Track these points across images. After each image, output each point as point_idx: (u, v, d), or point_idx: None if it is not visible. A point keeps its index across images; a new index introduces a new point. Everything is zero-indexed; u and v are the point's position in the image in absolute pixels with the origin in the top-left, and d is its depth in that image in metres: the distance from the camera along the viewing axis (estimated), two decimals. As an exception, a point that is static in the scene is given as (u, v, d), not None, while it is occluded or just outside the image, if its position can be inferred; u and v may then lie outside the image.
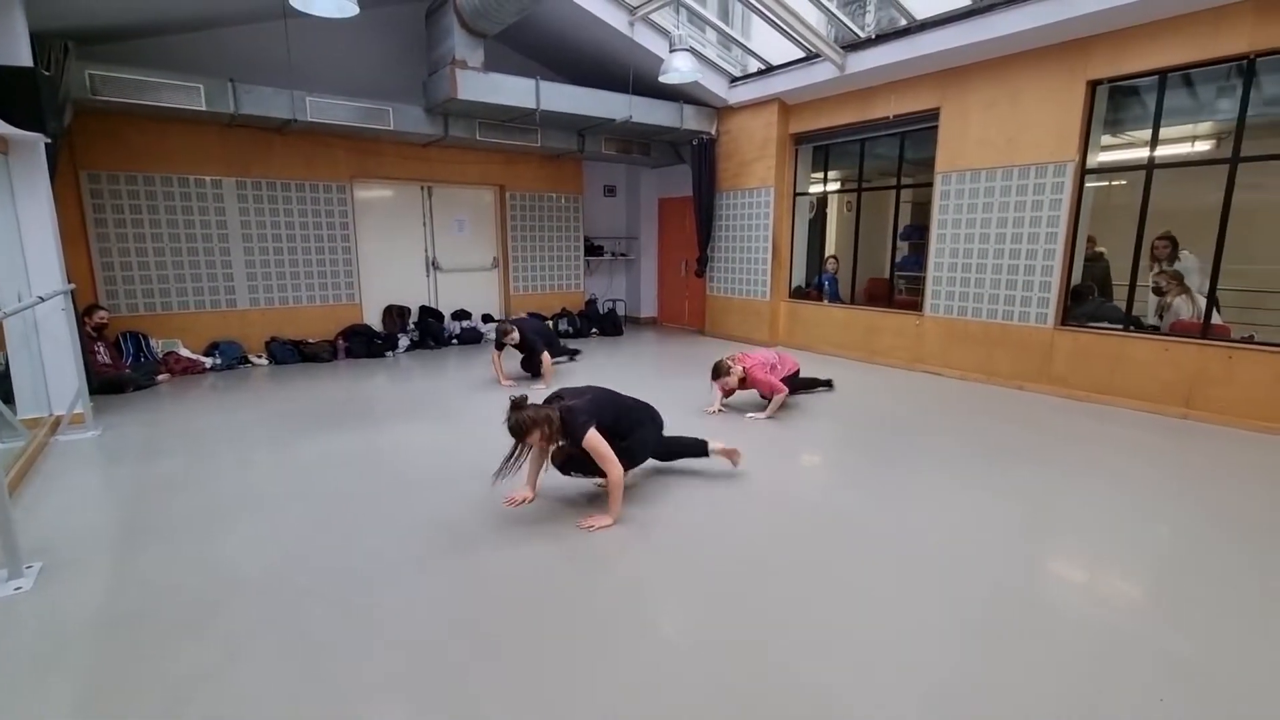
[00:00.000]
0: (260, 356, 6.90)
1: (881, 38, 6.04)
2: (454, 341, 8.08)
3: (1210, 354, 4.58)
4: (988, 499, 3.22)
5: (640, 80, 7.02)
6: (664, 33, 6.60)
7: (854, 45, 6.26)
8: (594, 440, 2.80)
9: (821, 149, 7.66)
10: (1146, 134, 4.93)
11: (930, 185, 6.18)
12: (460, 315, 8.36)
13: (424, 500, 3.18)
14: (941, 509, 3.09)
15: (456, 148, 7.81)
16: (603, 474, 2.90)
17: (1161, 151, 4.94)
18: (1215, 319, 4.76)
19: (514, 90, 6.49)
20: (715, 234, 8.44)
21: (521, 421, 2.73)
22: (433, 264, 8.29)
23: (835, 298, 7.63)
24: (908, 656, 1.98)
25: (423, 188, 8.11)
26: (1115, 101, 5.37)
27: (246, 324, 6.94)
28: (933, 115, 6.09)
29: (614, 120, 7.27)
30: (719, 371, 4.73)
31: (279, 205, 6.98)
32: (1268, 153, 4.42)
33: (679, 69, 5.84)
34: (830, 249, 8.40)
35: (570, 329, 8.77)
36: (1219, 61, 4.44)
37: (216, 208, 6.64)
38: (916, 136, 6.47)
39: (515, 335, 5.66)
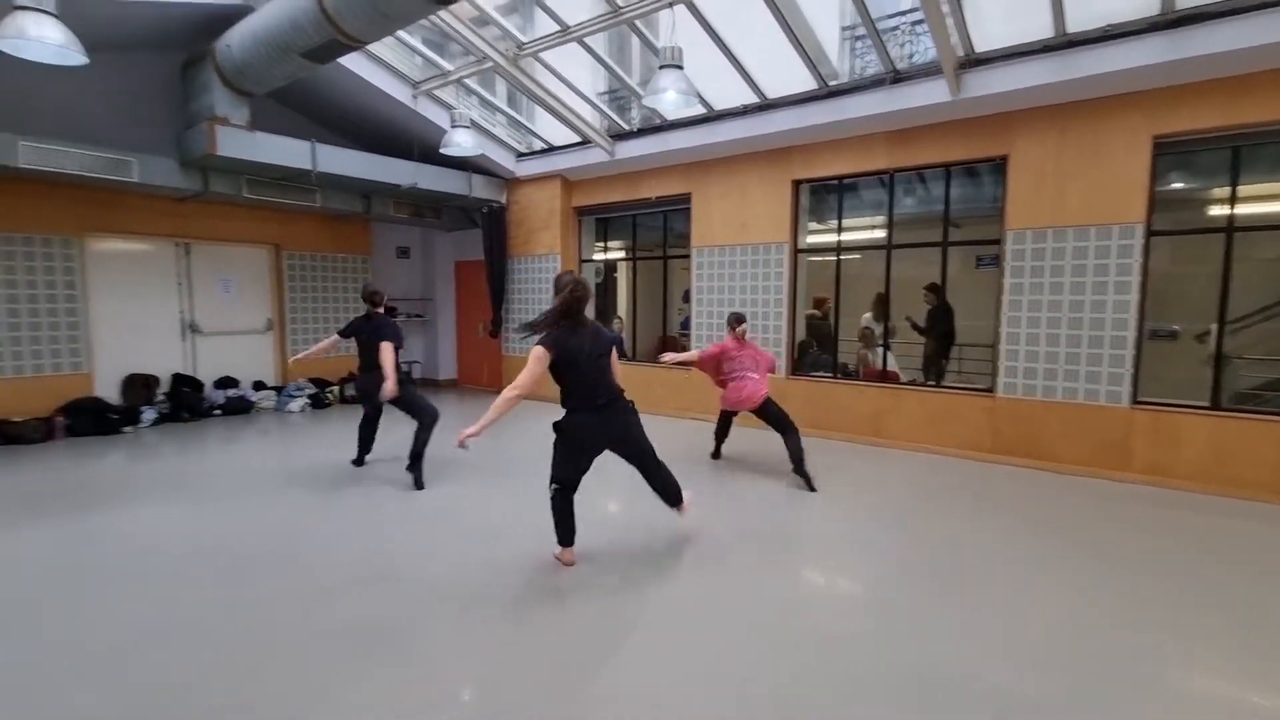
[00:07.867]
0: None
1: (641, 131, 7.00)
2: (216, 412, 7.29)
3: (887, 394, 5.88)
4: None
5: (427, 147, 7.24)
6: (448, 106, 6.93)
7: (621, 135, 7.15)
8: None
9: (602, 221, 8.47)
10: (847, 222, 6.32)
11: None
12: (225, 383, 7.59)
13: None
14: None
15: (221, 204, 7.28)
16: None
17: (848, 237, 6.34)
18: (892, 366, 6.14)
19: (286, 151, 6.34)
20: (509, 297, 8.77)
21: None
22: (191, 327, 7.48)
23: (621, 355, 8.29)
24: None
25: (179, 244, 7.39)
26: (819, 198, 6.80)
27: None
28: (686, 199, 7.13)
29: (400, 186, 7.37)
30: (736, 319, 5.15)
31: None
32: (913, 241, 5.95)
33: (460, 143, 6.22)
34: (621, 310, 9.19)
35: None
36: (869, 174, 5.93)
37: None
38: (678, 215, 7.49)
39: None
